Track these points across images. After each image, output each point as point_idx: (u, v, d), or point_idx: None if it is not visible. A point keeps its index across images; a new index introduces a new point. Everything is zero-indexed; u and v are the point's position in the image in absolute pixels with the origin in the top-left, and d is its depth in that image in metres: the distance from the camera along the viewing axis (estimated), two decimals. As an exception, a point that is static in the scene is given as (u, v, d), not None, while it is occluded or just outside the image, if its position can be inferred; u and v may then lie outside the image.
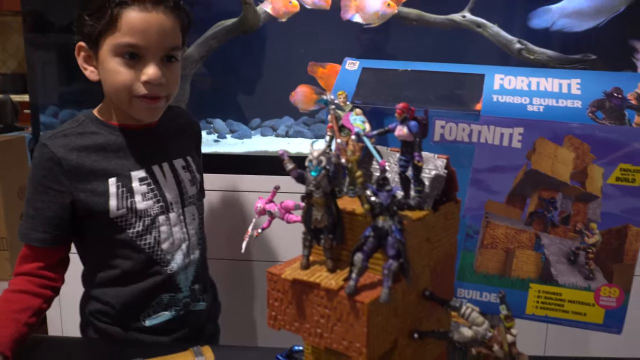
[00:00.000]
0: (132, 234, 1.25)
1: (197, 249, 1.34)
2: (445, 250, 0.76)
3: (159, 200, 1.27)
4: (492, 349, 0.69)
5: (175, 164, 1.32)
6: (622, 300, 0.86)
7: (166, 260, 1.28)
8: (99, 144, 1.24)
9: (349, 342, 0.64)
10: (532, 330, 1.86)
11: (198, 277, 1.36)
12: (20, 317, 1.19)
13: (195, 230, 1.34)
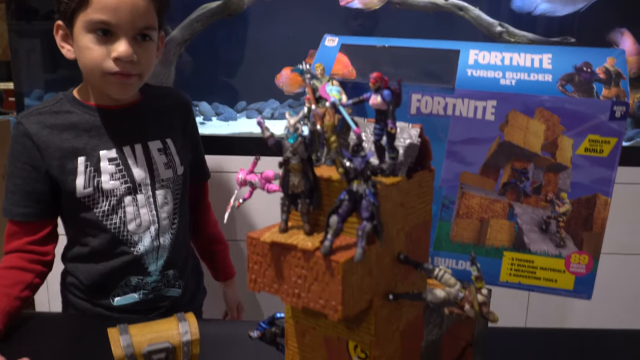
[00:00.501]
0: (98, 213, 1.27)
1: (168, 233, 1.34)
2: (420, 217, 0.79)
3: (127, 181, 1.27)
4: (464, 308, 0.72)
5: (150, 146, 1.32)
6: (591, 267, 0.89)
7: (133, 242, 1.30)
8: (72, 122, 1.26)
9: (325, 301, 0.67)
10: (514, 302, 1.90)
11: (171, 262, 1.36)
12: (11, 292, 1.21)
13: (167, 215, 1.33)
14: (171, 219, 1.35)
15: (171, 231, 1.34)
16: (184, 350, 0.82)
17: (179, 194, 1.37)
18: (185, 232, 1.43)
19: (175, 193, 1.36)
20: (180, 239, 1.38)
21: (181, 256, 1.41)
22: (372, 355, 0.74)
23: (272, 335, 0.94)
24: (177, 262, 1.38)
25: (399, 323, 0.79)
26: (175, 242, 1.36)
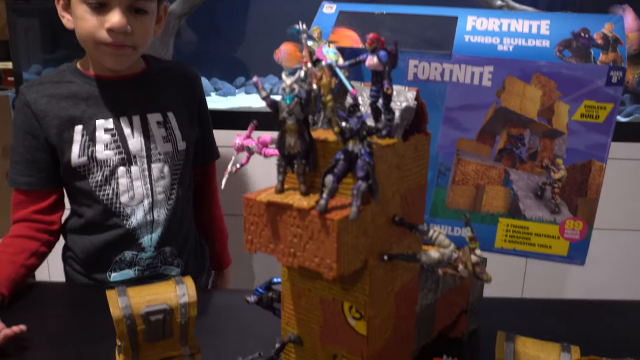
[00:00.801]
0: (92, 183, 1.27)
1: (164, 208, 1.33)
2: (416, 181, 0.79)
3: (121, 152, 1.26)
4: (458, 269, 0.72)
5: (148, 118, 1.30)
6: (586, 233, 0.90)
7: (125, 214, 1.30)
8: (72, 92, 1.26)
9: (320, 259, 0.68)
10: (511, 273, 1.92)
11: (167, 239, 1.35)
12: (17, 259, 1.23)
13: (163, 189, 1.32)
14: (167, 194, 1.33)
15: (167, 206, 1.33)
16: (181, 312, 0.83)
17: (178, 169, 1.35)
18: (185, 210, 1.41)
19: (173, 168, 1.35)
20: (178, 216, 1.37)
21: (180, 234, 1.39)
22: (367, 315, 0.75)
23: (268, 300, 0.95)
24: (174, 240, 1.37)
25: (393, 285, 0.80)
26: (172, 218, 1.35)
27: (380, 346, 0.80)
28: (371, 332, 0.76)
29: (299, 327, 0.84)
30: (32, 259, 1.26)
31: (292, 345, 0.86)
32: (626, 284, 1.89)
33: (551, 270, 1.92)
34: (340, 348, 0.79)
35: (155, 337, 0.83)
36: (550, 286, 1.93)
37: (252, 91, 1.97)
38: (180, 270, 1.39)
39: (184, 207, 1.40)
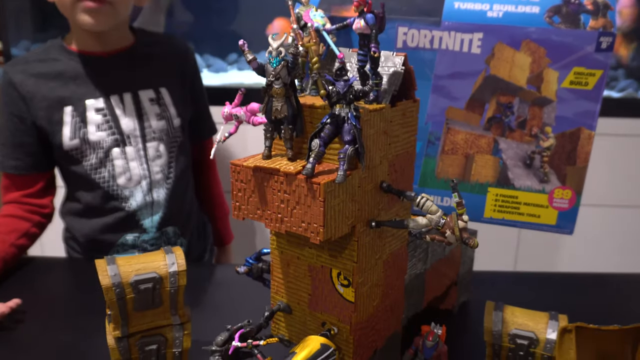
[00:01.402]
0: (87, 166, 1.25)
1: (163, 188, 1.31)
2: (404, 147, 0.79)
3: (114, 133, 1.24)
4: (445, 235, 0.72)
5: (140, 95, 1.27)
6: (574, 202, 0.90)
7: (124, 197, 1.28)
8: (58, 70, 1.23)
9: (307, 224, 0.68)
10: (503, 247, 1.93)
11: (169, 219, 1.33)
12: (7, 238, 1.21)
13: (160, 168, 1.30)
14: (165, 173, 1.31)
15: (166, 186, 1.31)
16: (170, 281, 0.83)
17: (174, 147, 1.33)
18: (185, 188, 1.39)
19: (170, 146, 1.32)
20: (178, 195, 1.35)
21: (182, 213, 1.38)
22: (355, 282, 0.75)
23: (258, 270, 0.95)
24: (176, 219, 1.35)
25: (382, 253, 0.80)
26: (172, 197, 1.33)
27: (369, 314, 0.80)
28: (359, 299, 0.77)
29: (288, 296, 0.84)
30: (22, 239, 1.25)
31: (281, 314, 0.86)
32: (615, 258, 1.90)
33: (542, 245, 1.93)
34: (329, 315, 0.80)
35: (145, 306, 0.83)
36: (542, 261, 1.94)
37: (244, 67, 1.95)
38: (184, 249, 1.37)
39: (184, 185, 1.37)
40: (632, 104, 1.73)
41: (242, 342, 0.76)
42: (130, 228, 1.30)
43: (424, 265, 0.93)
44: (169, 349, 0.86)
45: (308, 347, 0.76)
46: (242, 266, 0.96)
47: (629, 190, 1.86)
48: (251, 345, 0.75)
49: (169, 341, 0.86)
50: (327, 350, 0.76)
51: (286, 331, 0.86)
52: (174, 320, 0.86)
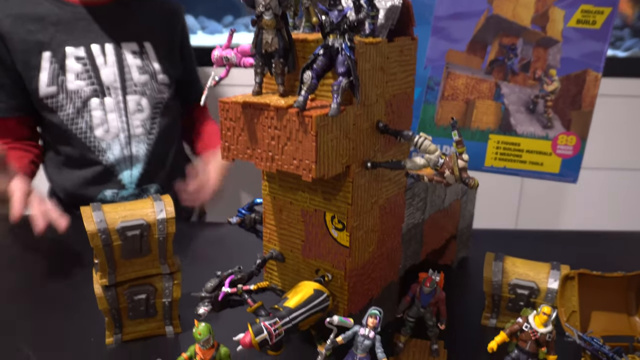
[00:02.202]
0: (63, 116, 1.22)
1: (143, 143, 1.28)
2: (401, 87, 0.75)
3: (93, 83, 1.21)
4: (444, 175, 0.69)
5: (123, 47, 1.25)
6: (579, 149, 0.87)
7: (101, 149, 1.25)
8: (39, 13, 1.19)
9: (299, 161, 0.65)
10: (505, 206, 1.90)
11: (149, 176, 1.30)
12: (25, 156, 1.24)
13: (141, 123, 1.27)
14: (147, 128, 1.28)
15: (147, 141, 1.28)
16: (159, 228, 0.81)
17: (160, 103, 1.30)
18: (168, 148, 1.35)
19: (153, 101, 1.29)
20: (160, 152, 1.32)
21: (163, 171, 1.35)
22: (349, 225, 0.72)
23: (251, 221, 0.92)
24: (157, 177, 1.32)
25: (378, 197, 0.77)
26: (153, 153, 1.30)
27: (364, 260, 0.77)
28: (354, 243, 0.74)
29: (280, 243, 0.81)
30: (32, 166, 1.26)
31: (274, 263, 0.84)
32: (617, 218, 1.87)
33: (545, 201, 1.90)
34: (322, 262, 0.77)
35: (132, 254, 0.80)
36: (543, 219, 1.91)
37: (239, 30, 1.90)
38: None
39: (167, 144, 1.34)
40: (638, 64, 1.69)
41: (232, 288, 0.74)
42: (109, 183, 1.28)
43: (422, 215, 0.90)
44: (159, 298, 0.84)
45: (301, 292, 0.73)
46: (234, 217, 0.93)
47: (634, 153, 1.82)
48: (241, 290, 0.73)
49: (159, 291, 0.84)
50: (320, 295, 0.73)
51: (279, 281, 0.84)
52: (163, 270, 0.83)
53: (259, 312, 0.71)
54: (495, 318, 0.90)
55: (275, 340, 0.68)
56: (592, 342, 0.73)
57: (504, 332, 0.70)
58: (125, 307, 0.83)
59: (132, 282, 0.83)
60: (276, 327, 0.68)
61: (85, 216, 0.79)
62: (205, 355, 0.61)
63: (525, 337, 0.69)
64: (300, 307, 0.71)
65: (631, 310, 0.82)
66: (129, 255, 0.80)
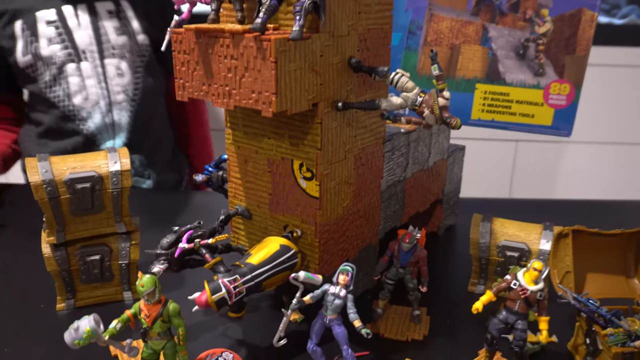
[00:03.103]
0: (42, 84, 1.16)
1: (126, 110, 1.20)
2: (377, 23, 0.68)
3: (67, 47, 1.14)
4: (423, 115, 0.62)
5: (97, 7, 1.17)
6: (573, 98, 0.80)
7: (81, 117, 1.18)
8: None
9: (257, 94, 0.57)
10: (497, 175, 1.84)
11: (133, 145, 1.22)
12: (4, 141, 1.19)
13: (122, 88, 1.19)
14: (129, 94, 1.19)
15: (129, 108, 1.20)
16: (112, 181, 0.73)
17: (140, 66, 1.22)
18: (153, 114, 1.27)
19: (134, 64, 1.21)
20: (144, 120, 1.24)
21: (150, 141, 1.27)
22: (318, 173, 0.65)
23: (218, 179, 0.85)
24: (142, 147, 1.25)
25: (352, 145, 0.69)
26: (136, 121, 1.22)
27: (337, 215, 0.70)
28: (325, 195, 0.67)
29: (246, 198, 0.74)
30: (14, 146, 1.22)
31: (240, 222, 0.76)
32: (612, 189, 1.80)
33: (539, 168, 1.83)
34: (291, 217, 0.70)
35: (83, 210, 0.73)
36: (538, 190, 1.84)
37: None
38: (153, 182, 1.27)
39: (151, 111, 1.26)
40: (635, 31, 1.62)
41: (190, 244, 0.66)
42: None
43: (404, 172, 0.83)
44: (115, 260, 0.77)
45: (265, 248, 0.66)
46: (199, 175, 0.85)
47: (630, 124, 1.75)
48: (198, 244, 0.65)
49: (114, 252, 0.77)
50: (287, 252, 0.66)
51: (246, 240, 0.77)
52: (119, 228, 0.76)
53: (217, 268, 0.64)
54: (483, 284, 0.83)
55: (235, 299, 0.61)
56: (588, 304, 0.66)
57: (490, 290, 0.63)
58: (77, 270, 0.75)
59: (85, 241, 0.75)
60: (236, 285, 0.61)
61: (29, 167, 0.71)
62: (150, 311, 0.54)
63: (513, 296, 0.62)
64: (264, 263, 0.64)
65: (630, 272, 0.75)
66: (80, 212, 0.73)
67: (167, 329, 0.56)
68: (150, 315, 0.54)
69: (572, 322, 0.72)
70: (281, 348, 0.64)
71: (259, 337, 0.71)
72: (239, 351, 0.64)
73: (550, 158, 1.82)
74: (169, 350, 0.56)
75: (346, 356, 0.62)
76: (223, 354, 0.59)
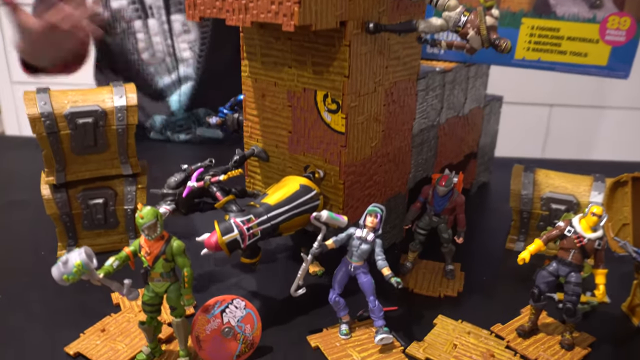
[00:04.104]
0: (115, 37, 1.12)
1: (192, 67, 1.14)
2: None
3: (134, 2, 1.10)
4: (467, 36, 0.54)
5: None
6: (634, 33, 0.70)
7: (149, 73, 1.15)
8: None
9: (278, 5, 0.50)
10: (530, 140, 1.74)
11: (198, 100, 1.18)
12: None
13: (188, 45, 1.13)
14: (195, 51, 1.14)
15: (196, 65, 1.16)
16: (117, 117, 0.67)
17: (207, 22, 1.16)
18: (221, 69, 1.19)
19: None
20: (210, 76, 1.17)
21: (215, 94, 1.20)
22: (345, 104, 0.57)
23: (234, 122, 0.78)
24: (208, 101, 1.19)
25: (383, 77, 0.62)
26: (202, 78, 1.16)
27: (365, 156, 0.63)
28: (351, 130, 0.59)
29: (263, 138, 0.67)
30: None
31: (256, 165, 0.69)
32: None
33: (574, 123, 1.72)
34: (313, 156, 0.62)
35: (86, 148, 0.67)
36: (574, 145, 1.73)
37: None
38: (224, 135, 1.21)
39: (220, 66, 1.20)
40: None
41: (200, 182, 0.59)
42: (157, 108, 1.17)
43: (437, 117, 0.75)
44: (119, 205, 0.70)
45: (284, 187, 0.59)
46: (214, 117, 0.79)
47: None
48: (208, 182, 0.58)
49: (119, 196, 0.70)
50: (308, 192, 0.59)
51: (263, 186, 0.70)
52: (124, 170, 0.69)
53: (230, 207, 0.57)
54: (523, 241, 0.75)
55: (248, 242, 0.54)
56: (649, 259, 0.58)
57: (539, 239, 0.55)
58: (79, 214, 0.69)
59: (87, 184, 0.69)
60: (250, 226, 0.54)
61: (27, 99, 0.65)
62: (152, 248, 0.47)
63: (567, 245, 0.54)
64: (282, 204, 0.57)
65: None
66: (82, 150, 0.67)
67: (171, 269, 0.49)
68: (151, 252, 0.48)
69: (625, 282, 0.64)
70: (299, 299, 0.57)
71: (275, 289, 0.64)
72: (252, 303, 0.58)
73: (586, 123, 1.72)
74: (173, 294, 0.49)
75: (372, 308, 0.55)
76: (234, 301, 0.52)
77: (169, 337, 0.55)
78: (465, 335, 0.56)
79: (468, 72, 0.80)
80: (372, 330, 0.57)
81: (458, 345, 0.55)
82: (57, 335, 0.56)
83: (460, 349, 0.54)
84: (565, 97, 1.70)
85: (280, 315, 0.60)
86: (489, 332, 0.58)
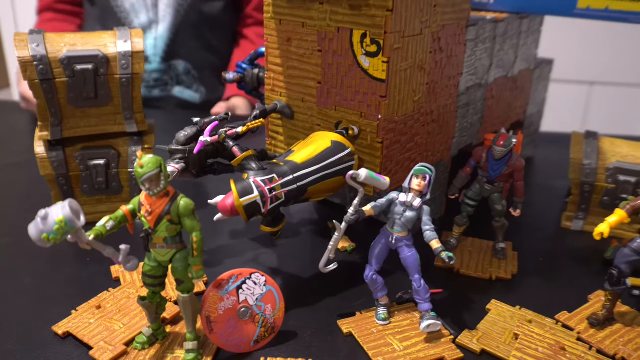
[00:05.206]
0: None
1: (172, 8, 1.06)
2: None
3: None
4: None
5: None
6: None
7: (124, 10, 1.06)
8: None
9: None
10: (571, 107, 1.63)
11: (176, 50, 1.09)
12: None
13: None
14: None
15: (176, 7, 1.06)
16: (121, 64, 0.58)
17: None
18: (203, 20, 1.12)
19: None
20: (192, 23, 1.09)
21: (196, 49, 1.12)
22: (387, 46, 0.48)
23: (253, 78, 0.69)
24: (187, 54, 1.10)
25: (430, 18, 0.52)
26: (183, 22, 1.07)
27: (406, 111, 0.53)
28: (393, 76, 0.50)
29: (288, 91, 0.58)
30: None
31: (279, 122, 0.60)
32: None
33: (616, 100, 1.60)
34: (346, 112, 0.53)
35: (85, 100, 0.58)
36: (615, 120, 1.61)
37: None
38: (200, 96, 1.13)
39: (203, 16, 1.11)
40: None
41: (214, 137, 0.50)
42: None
43: (486, 74, 0.66)
44: (123, 168, 0.62)
45: (313, 144, 0.50)
46: (231, 72, 0.70)
47: None
48: (224, 135, 0.49)
49: (123, 157, 0.62)
50: (341, 150, 0.50)
51: (286, 148, 0.61)
52: (129, 127, 0.61)
53: (249, 165, 0.47)
54: (583, 219, 0.66)
55: (270, 206, 0.45)
56: None
57: (621, 209, 0.46)
58: (77, 177, 0.61)
59: (87, 142, 0.61)
60: (273, 187, 0.45)
61: (17, 40, 0.56)
62: (154, 206, 0.39)
63: (654, 218, 0.45)
64: (310, 163, 0.48)
65: None
66: (81, 102, 0.58)
67: (177, 234, 0.40)
68: (153, 212, 0.39)
69: None
70: (328, 277, 0.49)
71: (299, 266, 0.56)
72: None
73: (627, 102, 1.60)
74: (179, 264, 0.40)
75: (417, 289, 0.46)
76: (253, 276, 0.43)
77: (174, 317, 0.47)
78: (527, 324, 0.47)
79: (520, 26, 0.70)
80: (415, 315, 0.48)
81: (520, 335, 0.45)
82: (45, 312, 0.48)
83: (523, 340, 0.45)
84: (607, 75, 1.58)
85: (305, 295, 0.51)
86: (553, 321, 0.49)
